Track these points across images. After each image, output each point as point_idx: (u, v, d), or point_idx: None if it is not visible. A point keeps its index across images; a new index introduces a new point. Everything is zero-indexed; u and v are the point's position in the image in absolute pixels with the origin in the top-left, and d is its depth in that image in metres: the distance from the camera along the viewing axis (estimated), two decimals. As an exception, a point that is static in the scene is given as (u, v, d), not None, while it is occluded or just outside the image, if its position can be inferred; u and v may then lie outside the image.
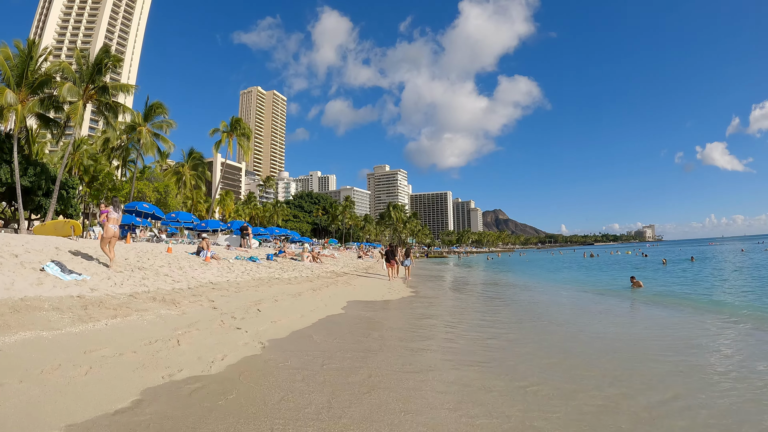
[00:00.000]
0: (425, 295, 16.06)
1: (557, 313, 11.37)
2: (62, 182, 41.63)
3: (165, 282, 11.37)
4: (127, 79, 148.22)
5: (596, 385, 5.04)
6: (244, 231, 31.87)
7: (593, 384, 5.10)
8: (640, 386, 5.05)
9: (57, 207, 41.76)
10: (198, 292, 10.50)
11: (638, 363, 6.18)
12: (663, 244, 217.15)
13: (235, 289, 11.69)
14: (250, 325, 7.37)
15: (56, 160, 58.63)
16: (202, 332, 6.67)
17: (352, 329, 8.05)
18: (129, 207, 28.79)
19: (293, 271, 19.74)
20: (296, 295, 11.57)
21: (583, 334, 8.43)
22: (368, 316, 9.70)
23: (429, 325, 8.97)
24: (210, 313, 8.11)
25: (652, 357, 6.53)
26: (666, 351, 6.91)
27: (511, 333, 8.32)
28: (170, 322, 7.20)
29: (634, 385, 5.11)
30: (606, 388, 4.94)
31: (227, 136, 54.08)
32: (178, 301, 8.91)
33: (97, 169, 58.07)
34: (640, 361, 6.27)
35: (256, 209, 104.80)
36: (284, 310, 9.19)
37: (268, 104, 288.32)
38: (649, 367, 5.96)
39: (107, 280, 10.46)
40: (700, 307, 12.21)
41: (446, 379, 5.13)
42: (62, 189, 41.63)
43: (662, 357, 6.53)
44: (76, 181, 47.11)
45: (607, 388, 4.94)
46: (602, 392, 4.80)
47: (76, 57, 37.15)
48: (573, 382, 5.19)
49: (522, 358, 6.42)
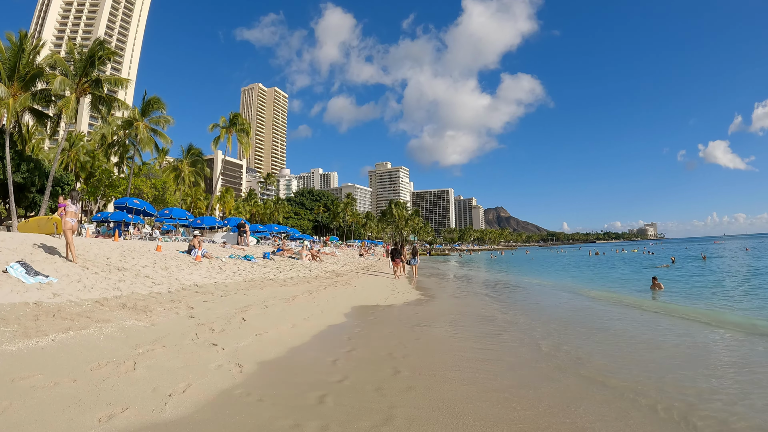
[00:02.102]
0: (434, 296, 14.90)
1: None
2: (57, 179, 40.56)
3: (143, 285, 10.19)
4: (127, 75, 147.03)
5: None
6: (242, 228, 30.71)
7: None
8: None
9: (51, 204, 40.70)
10: (178, 296, 9.31)
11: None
12: (667, 242, 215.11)
13: (222, 292, 10.50)
14: (230, 340, 6.15)
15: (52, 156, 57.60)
16: (168, 350, 5.48)
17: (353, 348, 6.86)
18: (119, 203, 27.61)
19: (290, 270, 18.55)
20: (290, 300, 10.35)
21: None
22: (372, 329, 8.50)
23: (451, 350, 6.85)
24: (184, 324, 6.91)
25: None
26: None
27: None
28: (133, 336, 6.00)
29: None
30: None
31: (226, 132, 53.01)
32: (151, 309, 7.72)
33: (94, 166, 57.02)
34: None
35: (256, 206, 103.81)
36: (274, 319, 7.98)
37: (269, 101, 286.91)
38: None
39: (77, 282, 9.31)
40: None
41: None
42: (57, 185, 40.54)
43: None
44: (71, 178, 46.04)
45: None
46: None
47: (69, 49, 36.02)
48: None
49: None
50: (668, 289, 17.06)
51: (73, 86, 34.43)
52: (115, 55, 38.70)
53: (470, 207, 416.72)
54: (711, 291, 16.67)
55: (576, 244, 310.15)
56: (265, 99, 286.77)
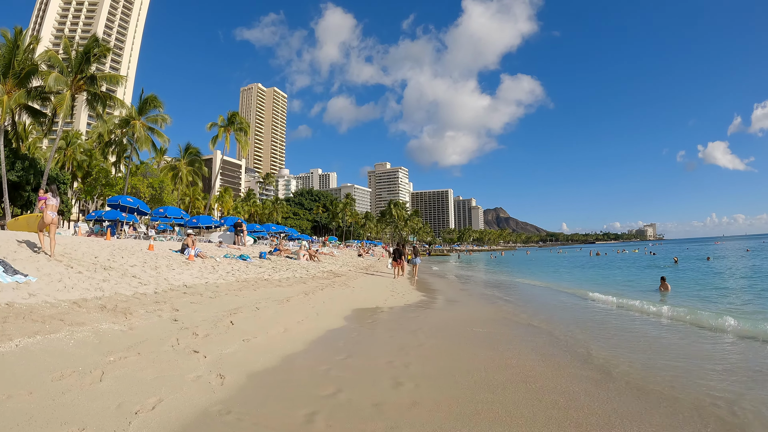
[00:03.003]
0: (436, 297, 14.36)
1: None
2: (53, 177, 40.02)
3: (129, 285, 9.63)
4: (126, 74, 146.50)
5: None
6: (238, 228, 30.20)
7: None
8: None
9: (46, 203, 39.97)
10: (164, 297, 8.74)
11: None
12: (667, 243, 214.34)
13: (212, 293, 9.93)
14: (214, 347, 5.58)
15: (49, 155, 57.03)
16: (143, 358, 4.92)
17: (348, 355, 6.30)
18: (112, 201, 27.03)
19: (286, 270, 17.98)
20: (283, 301, 9.78)
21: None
22: (370, 334, 7.94)
23: (458, 356, 6.35)
24: (166, 328, 6.33)
25: None
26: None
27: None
28: (107, 341, 5.44)
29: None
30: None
31: (224, 131, 52.54)
32: (132, 311, 7.16)
33: (92, 165, 56.43)
34: None
35: (255, 206, 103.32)
36: (264, 322, 7.41)
37: (268, 101, 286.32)
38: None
39: (57, 282, 8.75)
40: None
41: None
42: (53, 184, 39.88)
43: None
44: (67, 176, 45.42)
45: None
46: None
47: (64, 46, 35.48)
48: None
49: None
50: (688, 291, 16.59)
51: (68, 83, 33.91)
52: (110, 51, 38.03)
53: (469, 207, 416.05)
54: (733, 294, 16.00)
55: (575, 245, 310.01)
56: (265, 99, 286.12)
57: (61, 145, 55.32)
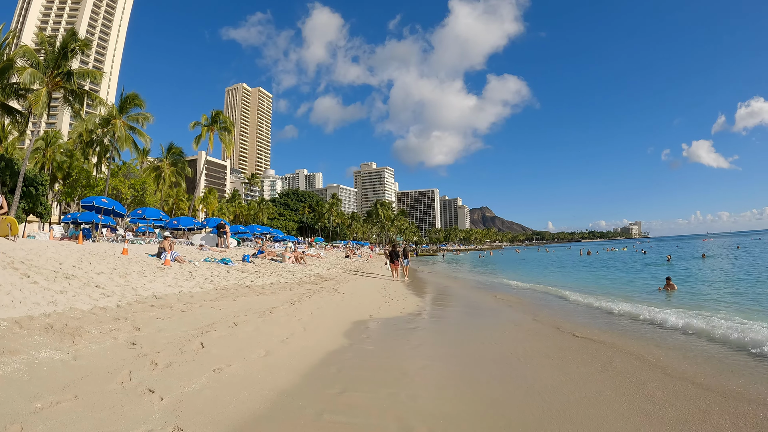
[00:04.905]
0: (435, 303, 13.37)
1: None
2: (31, 179, 38.30)
3: (89, 297, 8.45)
4: (109, 73, 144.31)
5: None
6: (221, 229, 28.93)
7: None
8: None
9: (24, 205, 38.52)
10: (126, 312, 7.59)
11: None
12: (653, 240, 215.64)
13: (184, 305, 8.78)
14: (175, 382, 4.46)
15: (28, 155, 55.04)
16: (78, 404, 3.80)
17: (343, 389, 5.24)
18: (86, 202, 25.58)
19: (270, 275, 16.83)
20: (266, 313, 8.66)
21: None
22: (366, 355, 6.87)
23: (472, 382, 5.36)
24: (120, 356, 5.20)
25: None
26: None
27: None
28: (40, 378, 4.30)
29: None
30: None
31: (208, 130, 51.18)
32: (84, 332, 6.01)
33: (72, 166, 54.56)
34: None
35: (240, 207, 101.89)
36: (242, 343, 6.30)
37: (253, 101, 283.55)
38: None
39: (5, 295, 7.57)
40: None
41: None
42: (31, 186, 38.26)
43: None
44: (45, 177, 43.58)
45: None
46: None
47: (40, 40, 33.96)
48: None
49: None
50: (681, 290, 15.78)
51: (44, 79, 32.44)
52: (89, 46, 36.50)
53: (456, 207, 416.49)
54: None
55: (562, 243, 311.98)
56: (250, 99, 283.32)
57: (40, 146, 53.53)
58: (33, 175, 39.16)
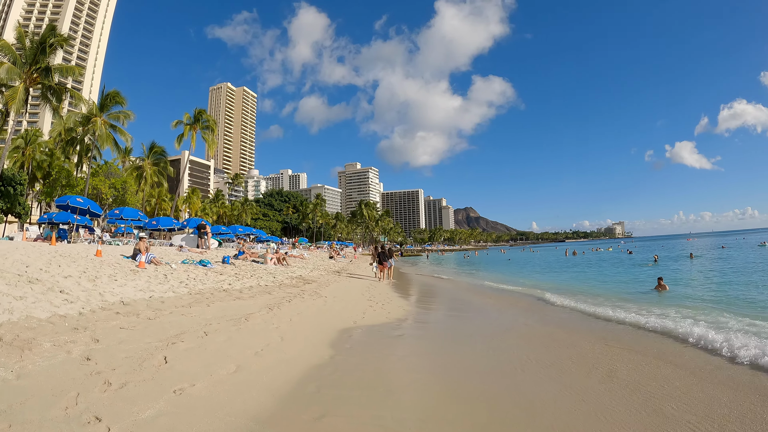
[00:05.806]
0: (422, 307, 12.87)
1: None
2: (9, 178, 37.14)
3: (50, 304, 7.76)
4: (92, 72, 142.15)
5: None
6: (202, 230, 28.12)
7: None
8: None
9: (2, 205, 37.41)
10: (88, 321, 6.93)
11: None
12: (637, 240, 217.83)
13: (153, 312, 8.13)
14: (127, 407, 3.86)
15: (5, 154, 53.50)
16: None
17: (323, 412, 4.68)
18: (60, 202, 24.59)
19: (250, 278, 16.17)
20: (241, 320, 8.04)
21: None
22: (349, 368, 6.32)
23: (469, 399, 4.83)
24: (70, 373, 4.57)
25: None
26: None
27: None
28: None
29: None
30: None
31: (190, 129, 50.22)
32: (35, 345, 5.37)
33: (53, 165, 53.09)
34: None
35: (224, 207, 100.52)
36: (211, 356, 5.70)
37: (237, 101, 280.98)
38: None
39: (-47, 304, 6.88)
40: None
41: None
42: (8, 185, 37.12)
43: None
44: (24, 177, 42.20)
45: None
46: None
47: (18, 35, 32.89)
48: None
49: None
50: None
51: (22, 75, 31.45)
52: (68, 42, 35.52)
53: (440, 207, 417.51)
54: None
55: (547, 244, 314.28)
56: (234, 99, 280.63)
57: (20, 144, 52.11)
58: (11, 174, 37.98)
